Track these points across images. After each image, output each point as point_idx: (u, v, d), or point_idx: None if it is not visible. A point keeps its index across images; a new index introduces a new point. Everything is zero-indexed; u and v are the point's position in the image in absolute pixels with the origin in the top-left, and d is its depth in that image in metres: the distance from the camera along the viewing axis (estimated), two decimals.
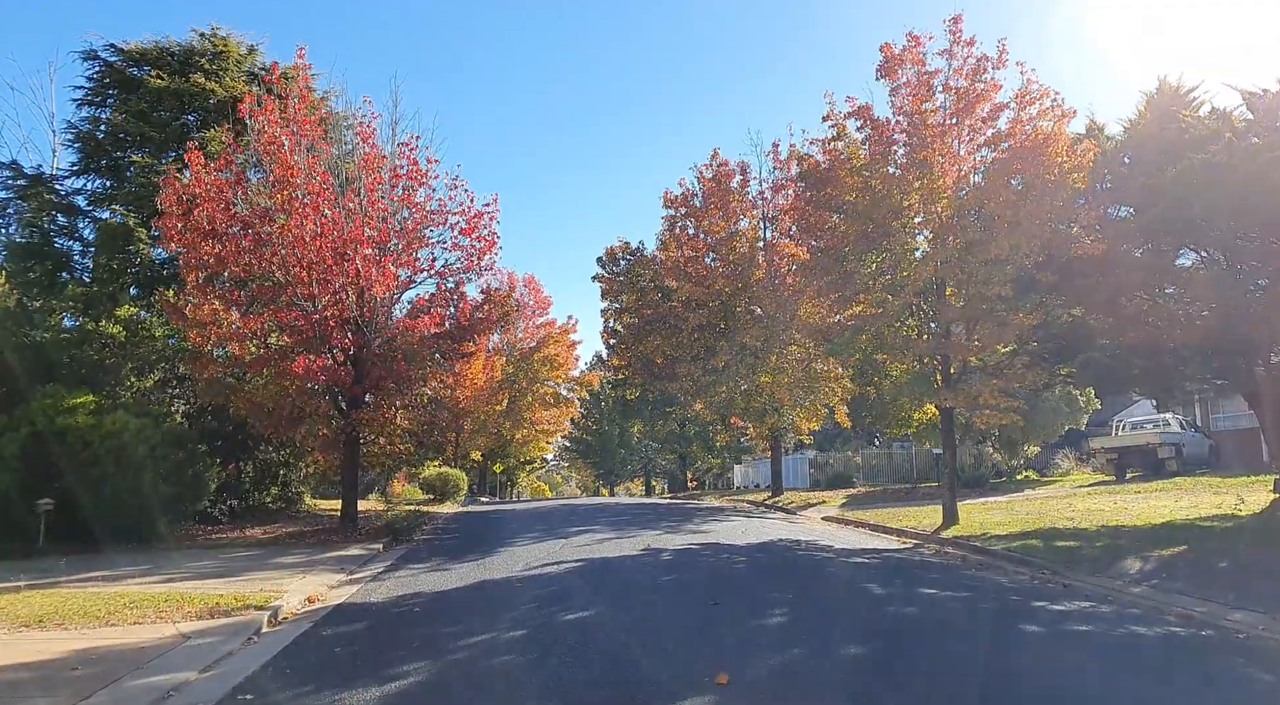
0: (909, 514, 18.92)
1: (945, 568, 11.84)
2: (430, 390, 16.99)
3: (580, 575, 10.92)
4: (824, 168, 16.69)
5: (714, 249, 27.35)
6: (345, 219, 14.96)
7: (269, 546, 14.95)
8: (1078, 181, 14.81)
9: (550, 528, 18.14)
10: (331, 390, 15.84)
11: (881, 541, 15.48)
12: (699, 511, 23.62)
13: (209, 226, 14.17)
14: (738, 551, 13.17)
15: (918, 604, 8.92)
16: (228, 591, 9.76)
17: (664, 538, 14.99)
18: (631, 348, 29.55)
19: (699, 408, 32.84)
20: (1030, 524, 15.35)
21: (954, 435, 16.73)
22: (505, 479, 76.74)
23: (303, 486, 21.38)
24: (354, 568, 12.57)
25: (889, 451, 38.72)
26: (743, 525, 18.09)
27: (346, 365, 15.63)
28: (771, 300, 25.15)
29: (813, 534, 16.52)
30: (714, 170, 27.47)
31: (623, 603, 8.84)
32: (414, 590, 10.36)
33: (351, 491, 16.80)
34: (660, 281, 28.84)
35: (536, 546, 14.36)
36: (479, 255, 17.57)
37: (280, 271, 14.79)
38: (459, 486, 32.05)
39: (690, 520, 19.44)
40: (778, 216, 27.57)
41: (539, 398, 50.17)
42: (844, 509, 22.90)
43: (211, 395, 15.48)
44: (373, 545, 15.09)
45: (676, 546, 13.57)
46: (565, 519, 20.92)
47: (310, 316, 15.08)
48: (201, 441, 16.39)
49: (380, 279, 14.92)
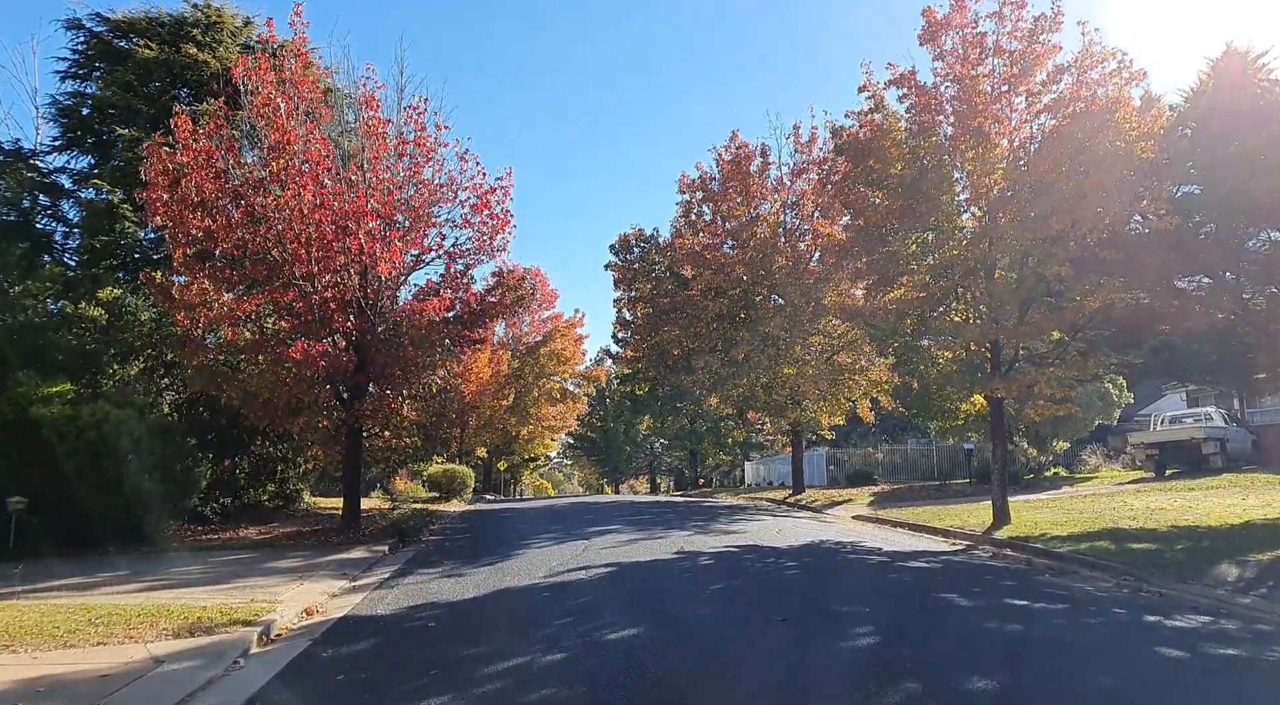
0: (949, 513, 17.70)
1: (1016, 574, 10.59)
2: (439, 379, 15.72)
3: (614, 583, 9.68)
4: (865, 139, 15.40)
5: (733, 235, 26.08)
6: (347, 190, 13.70)
7: (264, 549, 13.71)
8: (1145, 151, 13.53)
9: (567, 528, 16.90)
10: (332, 379, 14.59)
11: (929, 543, 14.25)
12: (720, 510, 22.37)
13: (198, 198, 12.91)
14: (782, 555, 11.92)
15: (1014, 619, 7.67)
16: (213, 603, 8.51)
17: (695, 539, 13.76)
18: (646, 338, 28.27)
19: (714, 402, 31.65)
20: (1089, 524, 14.13)
21: (1005, 427, 15.47)
22: (509, 476, 75.60)
23: (301, 484, 20.13)
24: (357, 573, 11.32)
25: (908, 448, 37.48)
26: (774, 525, 16.86)
27: (349, 351, 14.37)
28: (795, 288, 23.87)
29: (852, 535, 15.29)
30: (733, 152, 26.19)
31: (674, 618, 7.58)
32: (426, 600, 9.13)
33: (353, 489, 15.55)
34: (677, 268, 27.57)
35: (557, 549, 13.13)
36: (491, 234, 16.31)
37: (276, 248, 13.54)
38: (466, 484, 30.81)
39: (715, 520, 18.20)
40: (799, 202, 26.30)
41: (545, 393, 48.94)
42: (874, 507, 21.67)
43: (201, 384, 14.21)
44: (377, 547, 13.85)
45: (712, 549, 12.33)
46: (581, 518, 19.67)
47: (309, 298, 13.84)
48: (191, 434, 15.15)
49: (385, 256, 13.66)
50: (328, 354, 13.43)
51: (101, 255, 17.30)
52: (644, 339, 28.44)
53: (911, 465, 36.31)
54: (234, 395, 14.30)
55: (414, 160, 15.00)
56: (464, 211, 15.98)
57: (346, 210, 13.35)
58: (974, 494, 23.08)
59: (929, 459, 36.51)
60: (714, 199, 26.12)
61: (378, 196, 14.01)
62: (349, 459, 15.53)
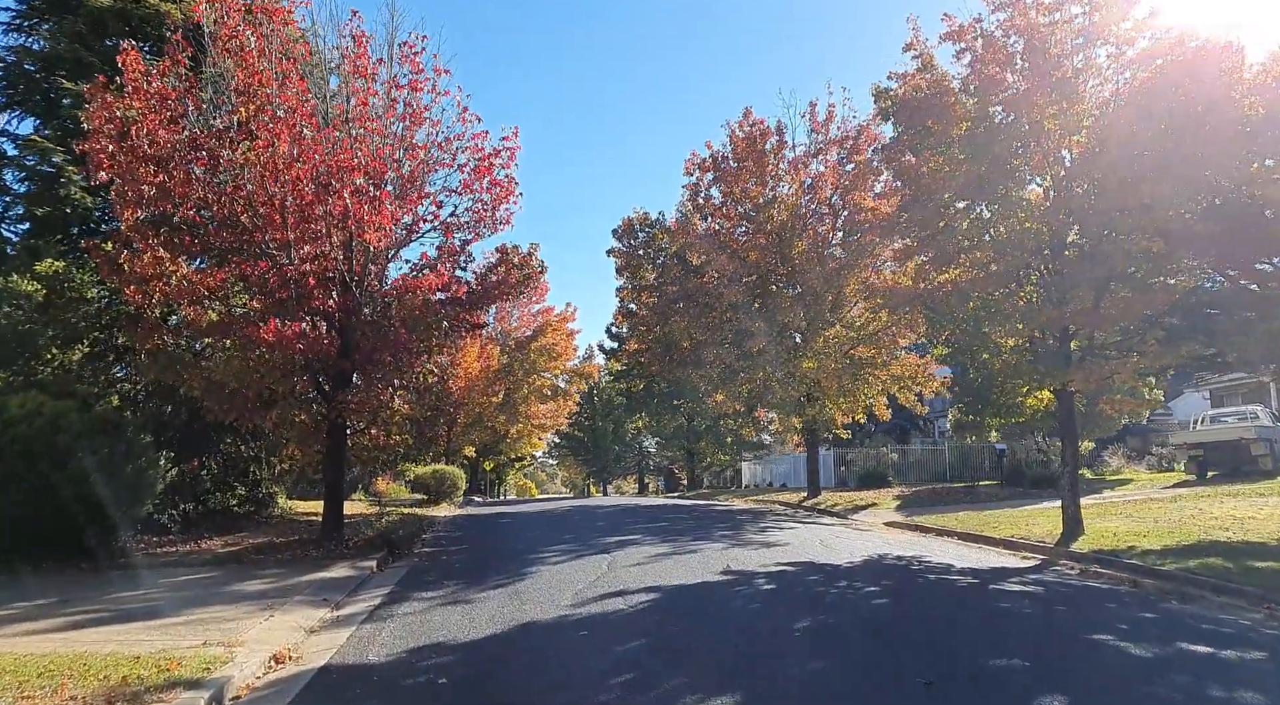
0: (997, 520, 15.94)
1: (1141, 601, 8.79)
2: (435, 367, 13.71)
3: (666, 617, 7.74)
4: (922, 97, 13.55)
5: (747, 218, 24.18)
6: (330, 142, 11.66)
7: (228, 565, 11.64)
8: (1253, 108, 11.75)
9: (580, 537, 14.94)
10: (311, 366, 12.56)
11: (996, 556, 12.44)
12: (736, 515, 20.48)
13: (150, 149, 10.83)
14: (850, 576, 10.02)
15: (1218, 678, 5.80)
16: (152, 649, 6.50)
17: (734, 554, 11.85)
18: (652, 329, 26.32)
19: (719, 399, 29.71)
20: (1179, 536, 12.41)
21: (1075, 424, 13.68)
22: (494, 477, 73.32)
23: (276, 486, 18.00)
24: (341, 598, 9.33)
25: (920, 448, 35.79)
26: (810, 534, 14.99)
27: (331, 333, 12.33)
28: (817, 275, 22.01)
29: (905, 546, 13.45)
30: (747, 129, 24.27)
31: (774, 682, 5.62)
32: (430, 639, 7.17)
33: (335, 493, 13.50)
34: (685, 254, 25.63)
35: (575, 565, 11.18)
36: (493, 205, 14.32)
37: (244, 211, 11.48)
38: (456, 486, 28.72)
39: (742, 528, 16.31)
40: (814, 185, 24.44)
41: (535, 390, 46.88)
42: (904, 513, 19.87)
43: (156, 372, 12.11)
44: (363, 562, 11.82)
45: (763, 568, 10.41)
46: (590, 525, 17.70)
47: (284, 270, 11.80)
48: (145, 431, 13.02)
49: (374, 220, 11.62)
50: (305, 336, 11.40)
51: (47, 226, 15.14)
52: (649, 330, 26.48)
53: (922, 466, 34.60)
54: (195, 385, 12.23)
55: (410, 109, 12.97)
56: (463, 177, 13.99)
57: (330, 164, 11.29)
58: (1009, 498, 21.36)
59: (940, 460, 34.86)
60: (726, 179, 24.19)
61: (365, 150, 11.95)
62: (330, 459, 13.48)
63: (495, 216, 14.43)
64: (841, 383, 22.74)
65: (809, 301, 22.21)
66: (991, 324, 13.11)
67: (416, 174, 13.32)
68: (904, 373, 24.26)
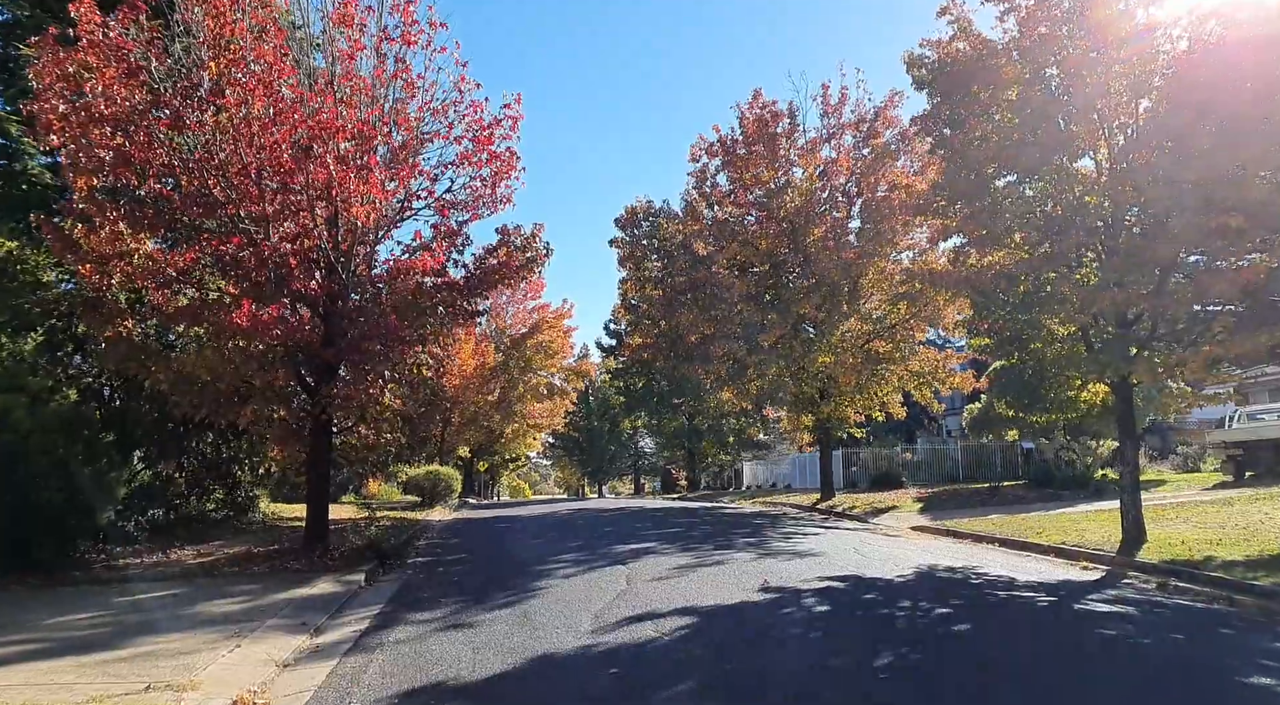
0: (1042, 525, 14.77)
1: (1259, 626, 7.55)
2: (430, 358, 12.38)
3: (711, 649, 6.44)
4: (965, 60, 12.31)
5: (758, 205, 22.92)
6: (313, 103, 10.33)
7: (198, 580, 10.31)
8: None
9: (588, 545, 13.67)
10: (292, 356, 11.23)
11: (1052, 567, 11.21)
12: (751, 520, 19.23)
13: (106, 108, 9.50)
14: (907, 594, 8.75)
15: None
16: (78, 696, 5.19)
17: (766, 565, 10.58)
18: (657, 323, 25.02)
19: (726, 396, 28.44)
20: (1257, 545, 11.27)
21: (1133, 420, 12.45)
22: (488, 478, 71.90)
23: (259, 489, 16.63)
24: (323, 620, 8.03)
25: (933, 447, 34.59)
26: (839, 542, 13.77)
27: (314, 320, 11.01)
28: (835, 264, 20.75)
29: (947, 555, 12.24)
30: (757, 111, 23.01)
31: None
32: (428, 678, 5.89)
33: (319, 497, 12.16)
34: (691, 244, 24.34)
35: (589, 579, 9.91)
36: (493, 181, 13.03)
37: (215, 181, 10.16)
38: (451, 488, 27.34)
39: (763, 534, 15.08)
40: (826, 171, 23.20)
41: (531, 389, 45.54)
42: (929, 516, 18.66)
43: (115, 361, 10.77)
44: (350, 576, 10.51)
45: (806, 584, 9.15)
46: (597, 530, 16.42)
47: (260, 248, 10.46)
48: (109, 429, 11.70)
49: (361, 191, 10.32)
50: (284, 321, 10.07)
51: (3, 206, 13.77)
52: (654, 323, 25.18)
53: (933, 466, 33.40)
54: (162, 377, 10.90)
55: (401, 65, 11.62)
56: (460, 149, 12.68)
57: (311, 126, 9.97)
58: (1039, 501, 20.15)
59: (951, 460, 33.67)
60: (735, 164, 22.91)
61: (352, 113, 10.62)
62: (314, 460, 12.15)
63: (495, 194, 13.15)
64: (859, 378, 21.50)
65: (825, 292, 20.94)
66: (1044, 310, 11.86)
67: (409, 145, 12.01)
68: (923, 368, 23.06)
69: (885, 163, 22.24)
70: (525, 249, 13.38)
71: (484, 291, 13.26)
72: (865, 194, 22.19)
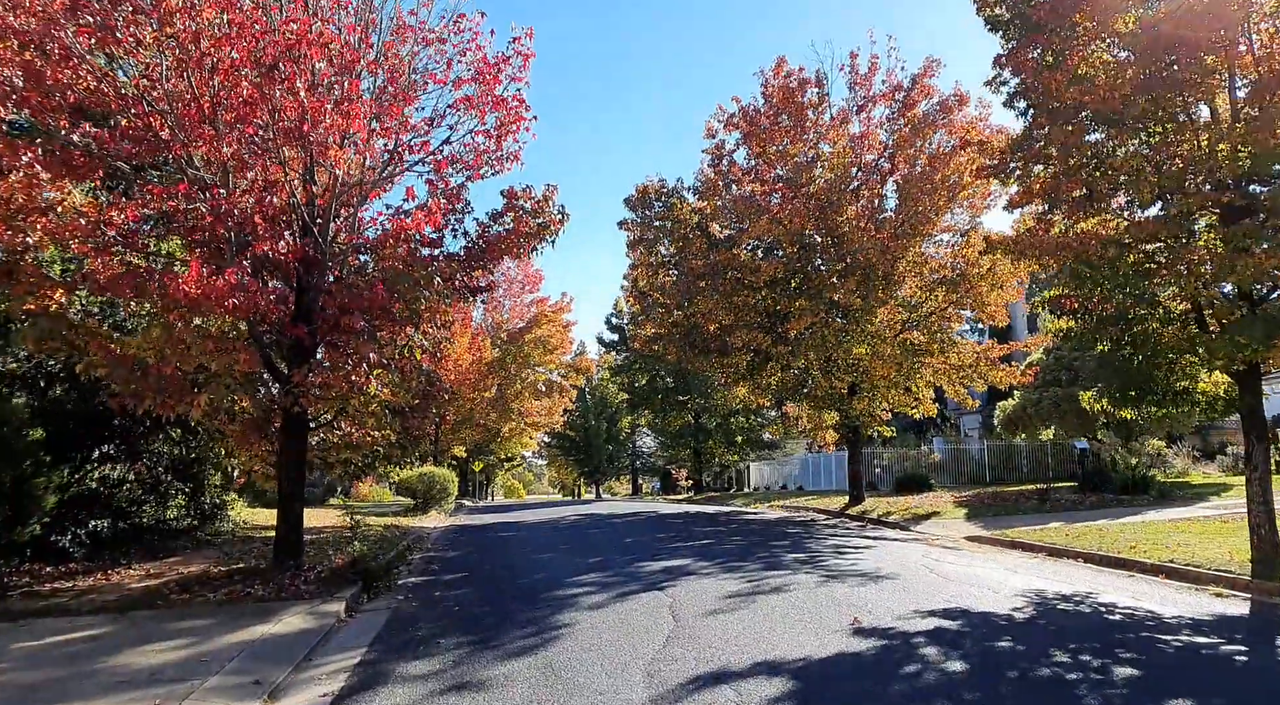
0: (1129, 537, 12.94)
1: None
2: (426, 339, 10.34)
3: None
4: None
5: (784, 182, 20.97)
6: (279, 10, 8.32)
7: (134, 612, 8.28)
8: None
9: (610, 561, 11.69)
10: (258, 334, 9.21)
11: (1181, 593, 9.24)
12: (783, 528, 17.29)
13: (9, 14, 7.46)
14: (1038, 636, 6.77)
15: None
16: None
17: (836, 592, 8.62)
18: (671, 311, 23.01)
19: (741, 392, 26.51)
20: None
21: (1264, 414, 10.50)
22: (483, 478, 69.79)
23: (229, 493, 14.56)
24: (282, 676, 6.03)
25: (955, 448, 32.70)
26: (900, 556, 11.86)
27: (285, 290, 8.99)
28: (873, 245, 18.82)
29: (1035, 575, 10.34)
30: (782, 79, 21.06)
31: None
32: None
33: (292, 506, 10.10)
34: (707, 226, 22.35)
35: (623, 611, 7.94)
36: (498, 132, 11.01)
37: (157, 116, 8.13)
38: (447, 490, 25.27)
39: (803, 546, 13.17)
40: (862, 141, 21.27)
41: (529, 386, 43.53)
42: (979, 524, 16.73)
43: (34, 341, 8.72)
44: (326, 605, 8.49)
45: (904, 622, 7.19)
46: (614, 541, 14.44)
47: (218, 202, 8.43)
48: (36, 423, 9.66)
49: (341, 127, 8.31)
50: (244, 288, 8.02)
51: None
52: (668, 312, 23.18)
53: (956, 467, 31.55)
54: (97, 360, 8.85)
55: None
56: (458, 95, 10.68)
57: (277, 43, 7.95)
58: (1099, 506, 18.25)
59: (977, 460, 31.82)
60: (759, 137, 20.91)
61: (328, 31, 8.58)
62: (287, 461, 10.10)
63: (501, 149, 11.13)
64: (900, 371, 19.58)
65: (859, 276, 18.98)
66: (1163, 283, 9.93)
67: (397, 84, 9.98)
68: (963, 361, 21.14)
69: (924, 135, 20.30)
70: (536, 213, 11.37)
71: (488, 263, 11.24)
72: (904, 167, 20.22)
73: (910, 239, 19.23)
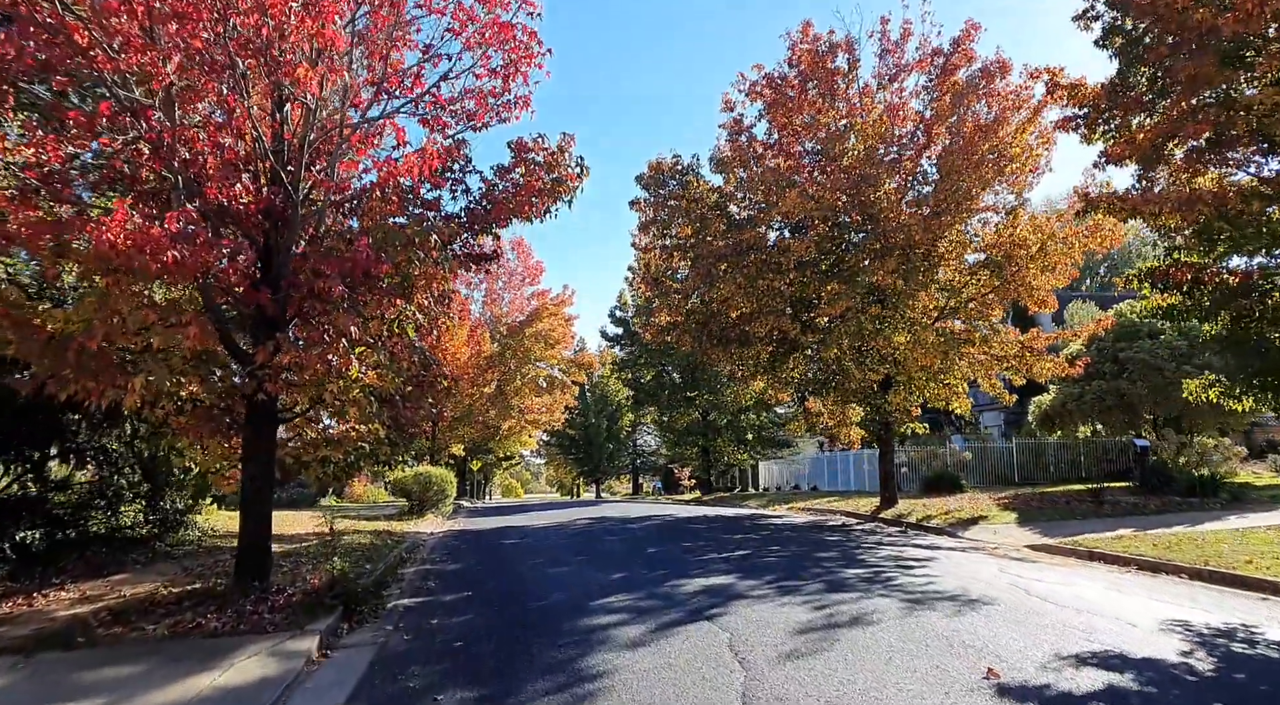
0: (1226, 547, 11.19)
1: None
2: (421, 311, 8.53)
3: None
4: None
5: (814, 155, 19.23)
6: None
7: (44, 654, 6.49)
8: None
9: (637, 578, 9.92)
10: (211, 301, 7.44)
11: None
12: (818, 536, 15.57)
13: None
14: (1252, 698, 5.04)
15: None
16: None
17: (932, 623, 6.88)
18: (689, 297, 21.23)
19: (759, 386, 24.74)
20: None
21: None
22: (481, 477, 67.94)
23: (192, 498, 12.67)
24: None
25: (981, 446, 30.97)
26: (977, 574, 10.14)
27: (246, 245, 7.19)
28: (916, 223, 17.08)
29: (1137, 592, 8.63)
30: (810, 43, 19.30)
31: None
32: None
33: (259, 513, 8.28)
34: (725, 205, 20.59)
35: (669, 651, 6.19)
36: (506, 73, 9.26)
37: (75, 20, 6.36)
38: (445, 492, 23.45)
39: (855, 559, 11.41)
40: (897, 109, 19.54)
41: (530, 382, 41.75)
42: (1035, 530, 15.03)
43: None
44: (296, 643, 6.72)
45: (1053, 675, 5.45)
46: (638, 553, 12.67)
47: (160, 135, 6.65)
48: None
49: (310, 32, 6.54)
50: (186, 239, 6.24)
51: None
52: (684, 298, 21.40)
53: (983, 466, 29.82)
54: (11, 336, 7.05)
55: None
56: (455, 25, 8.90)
57: None
58: (1167, 510, 16.51)
59: (1003, 459, 30.10)
60: (784, 107, 19.14)
61: None
62: (251, 460, 8.31)
63: (509, 90, 9.37)
64: (945, 359, 17.86)
65: (900, 255, 17.22)
66: None
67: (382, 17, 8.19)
68: (1006, 351, 19.40)
69: (966, 104, 18.55)
70: (550, 167, 9.60)
71: (492, 225, 9.47)
72: (945, 138, 18.48)
73: (955, 214, 17.47)
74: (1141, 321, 22.76)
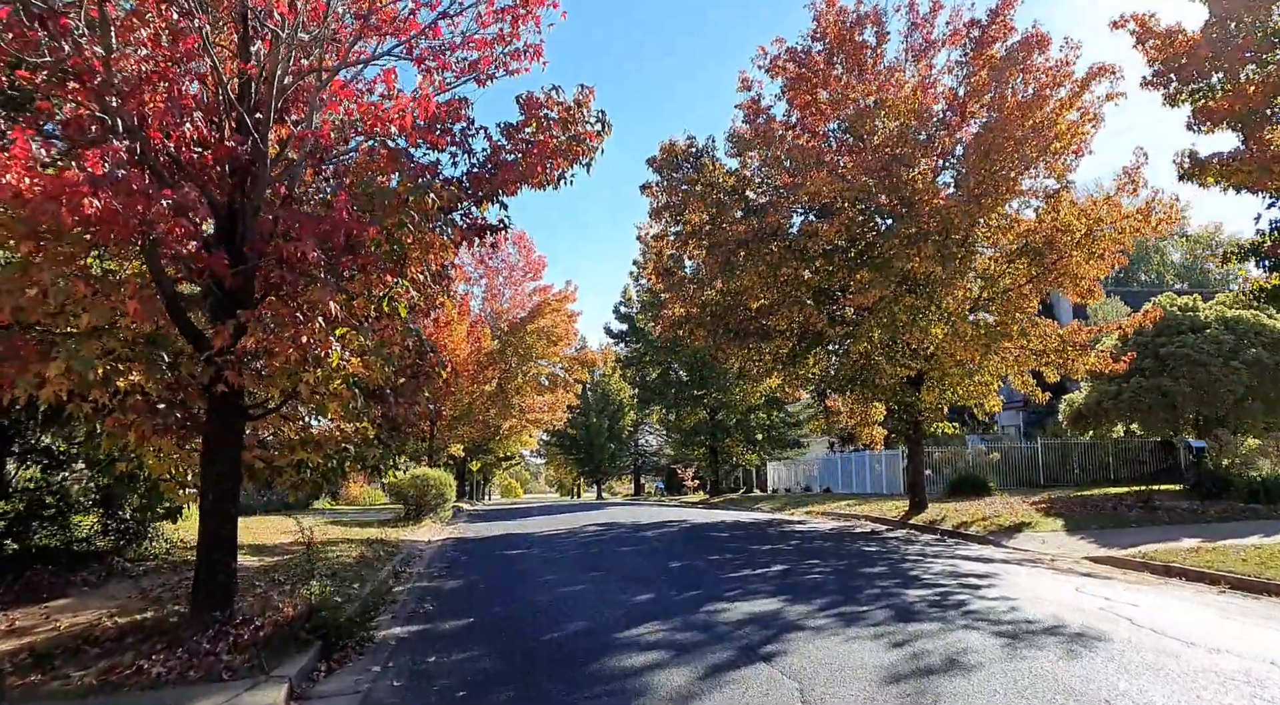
0: None
1: None
2: (415, 286, 7.17)
3: None
4: None
5: (841, 133, 17.91)
6: None
7: None
8: None
9: (664, 599, 8.60)
10: (159, 272, 6.10)
11: None
12: (851, 546, 14.24)
13: None
14: None
15: None
16: None
17: (1046, 668, 5.57)
18: (705, 288, 19.88)
19: (774, 383, 23.37)
20: None
21: None
22: (480, 478, 66.58)
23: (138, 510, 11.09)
24: None
25: (1004, 447, 29.66)
26: (1054, 596, 8.82)
27: (197, 198, 5.83)
28: (956, 207, 15.74)
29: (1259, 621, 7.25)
30: (836, 14, 17.98)
31: None
32: None
33: (220, 529, 6.87)
34: (743, 189, 19.26)
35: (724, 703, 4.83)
36: (514, 17, 7.94)
37: None
38: (444, 496, 22.08)
39: (906, 576, 10.10)
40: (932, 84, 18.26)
41: (531, 380, 40.40)
42: (1087, 539, 13.79)
43: None
44: (258, 694, 5.35)
45: None
46: (660, 568, 11.32)
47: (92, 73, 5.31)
48: None
49: None
50: (112, 183, 4.90)
51: None
52: (700, 289, 20.04)
53: (1006, 468, 28.53)
54: None
55: None
56: None
57: None
58: (1229, 517, 15.25)
59: (1028, 460, 28.80)
60: (808, 83, 17.81)
61: None
62: (211, 463, 6.95)
63: (517, 34, 8.04)
64: (986, 353, 16.54)
65: (938, 241, 15.88)
66: None
67: None
68: (1046, 345, 18.04)
69: (1005, 79, 17.21)
70: (567, 125, 8.24)
71: (499, 191, 8.10)
72: (982, 115, 17.15)
73: (996, 197, 16.12)
74: (1184, 314, 21.41)
